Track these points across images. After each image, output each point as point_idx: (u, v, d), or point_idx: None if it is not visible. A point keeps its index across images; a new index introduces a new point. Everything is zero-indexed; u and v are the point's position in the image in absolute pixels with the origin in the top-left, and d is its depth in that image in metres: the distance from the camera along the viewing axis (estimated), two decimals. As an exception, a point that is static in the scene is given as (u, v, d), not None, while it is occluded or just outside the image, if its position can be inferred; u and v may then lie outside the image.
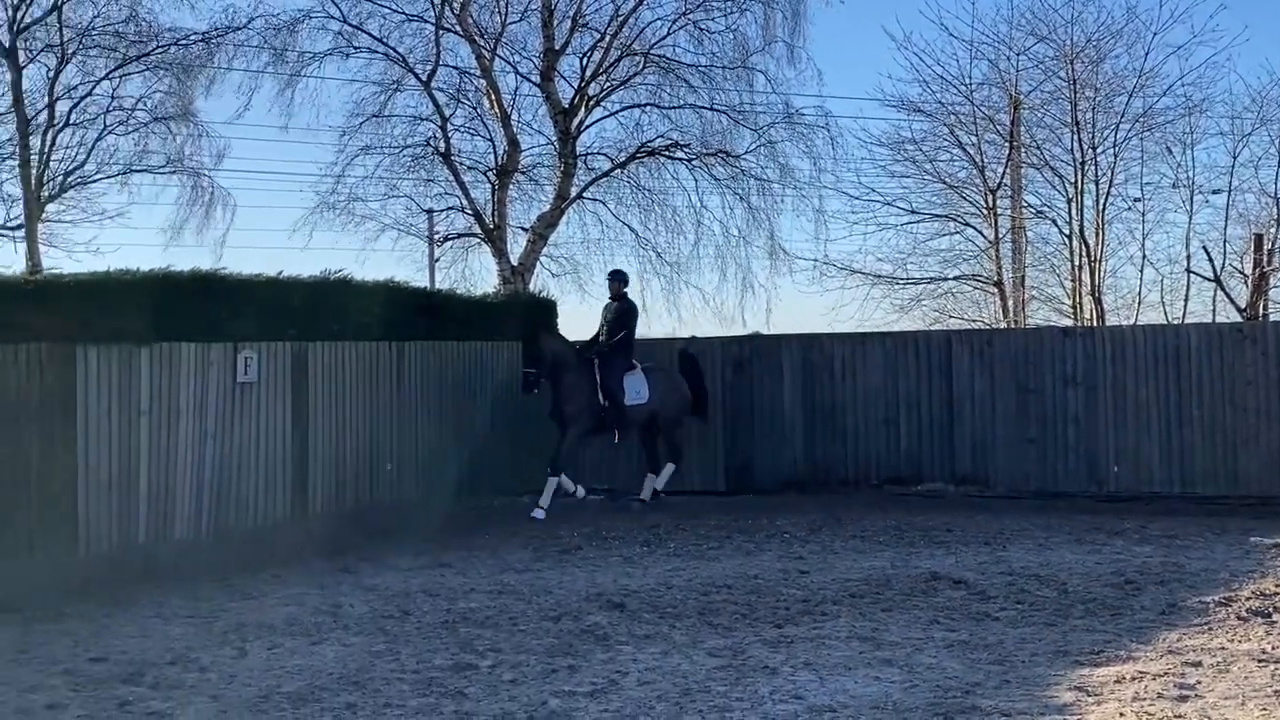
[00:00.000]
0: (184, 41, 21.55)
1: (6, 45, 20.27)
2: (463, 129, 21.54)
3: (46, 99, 21.34)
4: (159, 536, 12.22)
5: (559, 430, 15.57)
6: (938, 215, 26.73)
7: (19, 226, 21.47)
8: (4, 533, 10.90)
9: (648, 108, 21.37)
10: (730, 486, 17.44)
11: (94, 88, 21.64)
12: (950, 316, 26.84)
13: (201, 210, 23.29)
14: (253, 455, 13.28)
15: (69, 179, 22.31)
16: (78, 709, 7.13)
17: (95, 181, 22.73)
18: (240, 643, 8.75)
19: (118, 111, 22.01)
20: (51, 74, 21.30)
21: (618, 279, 16.35)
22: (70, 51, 21.16)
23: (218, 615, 9.74)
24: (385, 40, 20.67)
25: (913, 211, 26.54)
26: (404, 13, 20.62)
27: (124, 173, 22.78)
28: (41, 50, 21.07)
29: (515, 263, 20.63)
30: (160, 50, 21.55)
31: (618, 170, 21.42)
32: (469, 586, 10.82)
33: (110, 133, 22.15)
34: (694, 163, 21.25)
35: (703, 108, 21.09)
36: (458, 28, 20.68)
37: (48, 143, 21.58)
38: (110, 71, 21.60)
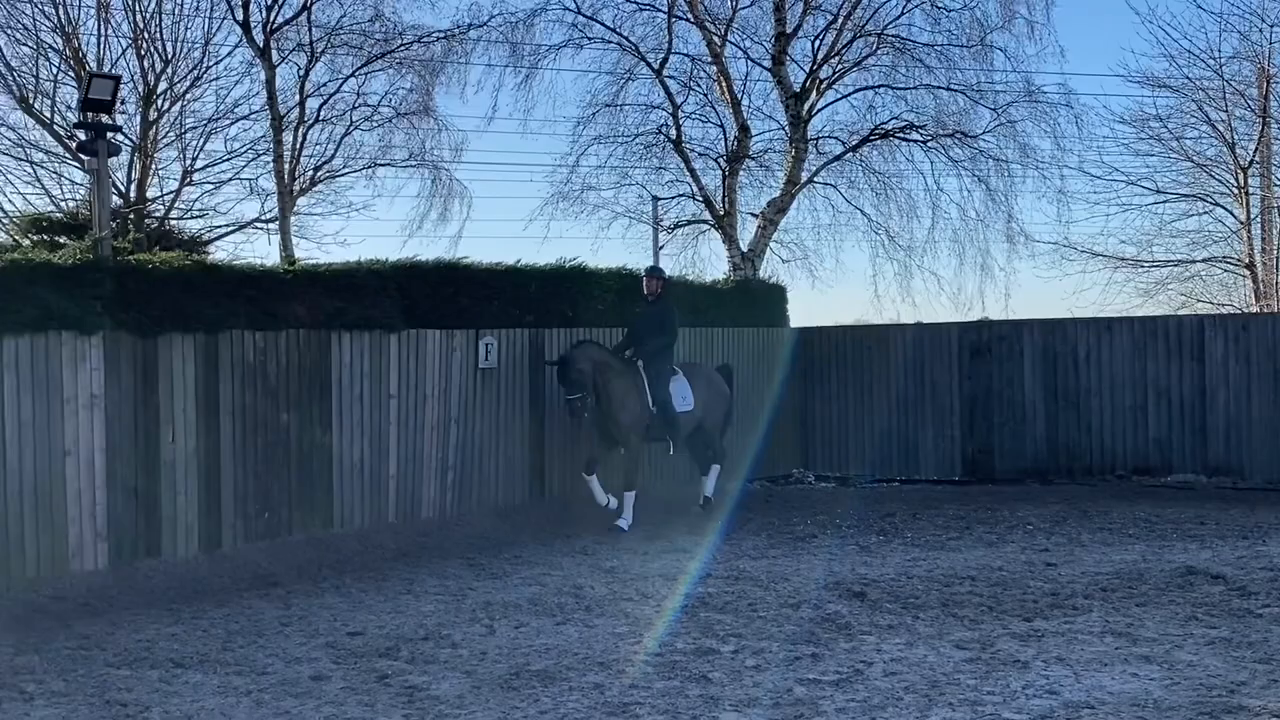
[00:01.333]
0: (426, 39, 22.24)
1: (261, 45, 21.26)
2: (693, 116, 21.59)
3: (297, 97, 22.28)
4: (408, 516, 12.68)
5: (601, 443, 13.85)
6: (1185, 195, 25.61)
7: (273, 219, 22.51)
8: (268, 510, 11.48)
9: (881, 89, 21.00)
10: (967, 475, 17.05)
11: (341, 85, 22.51)
12: (1198, 300, 25.67)
13: (440, 202, 24.04)
14: (493, 439, 13.64)
15: (318, 173, 23.26)
16: (340, 680, 7.44)
17: (342, 175, 23.66)
18: (488, 620, 8.99)
19: (363, 108, 22.85)
20: (302, 73, 22.23)
21: (656, 275, 14.58)
22: (319, 51, 22.06)
23: (465, 593, 10.03)
24: (618, 30, 20.89)
25: (1158, 191, 25.49)
26: (636, 2, 20.78)
27: (368, 167, 23.65)
28: (293, 50, 22.01)
29: (745, 249, 20.59)
30: (403, 48, 22.29)
31: (850, 153, 21.12)
32: (705, 572, 10.85)
33: (356, 128, 22.98)
34: (929, 144, 20.78)
35: (939, 88, 20.61)
36: (689, 15, 20.74)
37: (299, 139, 22.55)
38: (356, 69, 22.41)
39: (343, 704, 6.95)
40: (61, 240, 18.79)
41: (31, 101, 20.37)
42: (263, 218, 22.84)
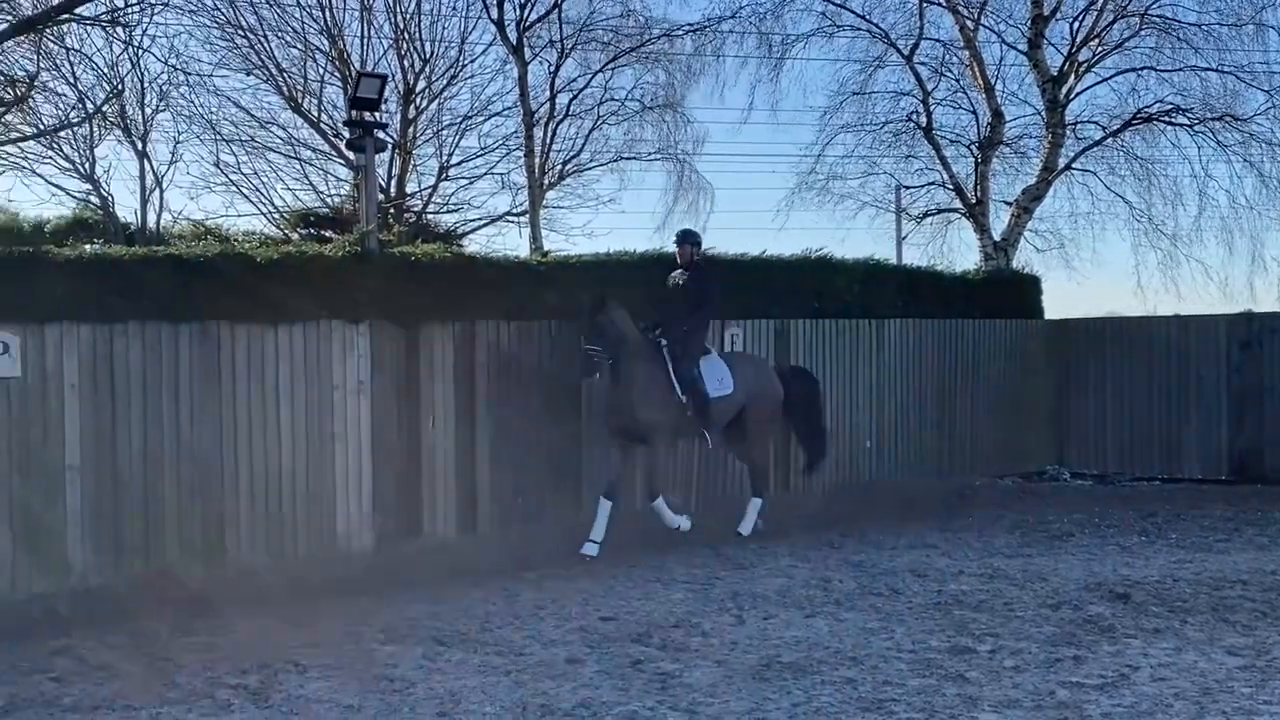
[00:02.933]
0: (674, 33, 22.45)
1: (514, 43, 21.81)
2: (944, 102, 21.18)
3: (548, 93, 22.80)
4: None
5: (623, 442, 11.69)
6: None
7: (524, 213, 23.09)
8: (521, 495, 11.78)
9: (1144, 71, 20.12)
10: (1234, 475, 16.15)
11: (590, 80, 22.93)
12: None
13: (687, 195, 24.25)
14: (738, 429, 13.64)
15: (566, 167, 23.76)
16: (594, 664, 7.57)
17: (589, 169, 24.11)
18: (737, 611, 9.00)
19: (610, 102, 23.21)
20: (552, 69, 22.73)
21: (688, 240, 12.24)
22: (569, 47, 22.50)
23: (713, 583, 10.07)
24: (868, 16, 20.65)
25: None
26: (886, -12, 20.51)
27: (615, 160, 24.03)
28: (544, 47, 22.50)
29: (998, 238, 20.04)
30: (651, 43, 22.56)
31: (1110, 138, 20.33)
32: (957, 569, 10.60)
33: (604, 123, 23.40)
34: (1196, 128, 19.80)
35: (1207, 69, 19.61)
36: (941, 0, 20.30)
37: (549, 134, 23.06)
38: (605, 65, 22.80)
39: (597, 687, 7.07)
40: (327, 234, 19.73)
41: (300, 101, 21.40)
42: (514, 211, 23.45)
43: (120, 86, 19.20)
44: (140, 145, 22.25)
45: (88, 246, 10.40)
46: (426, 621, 8.73)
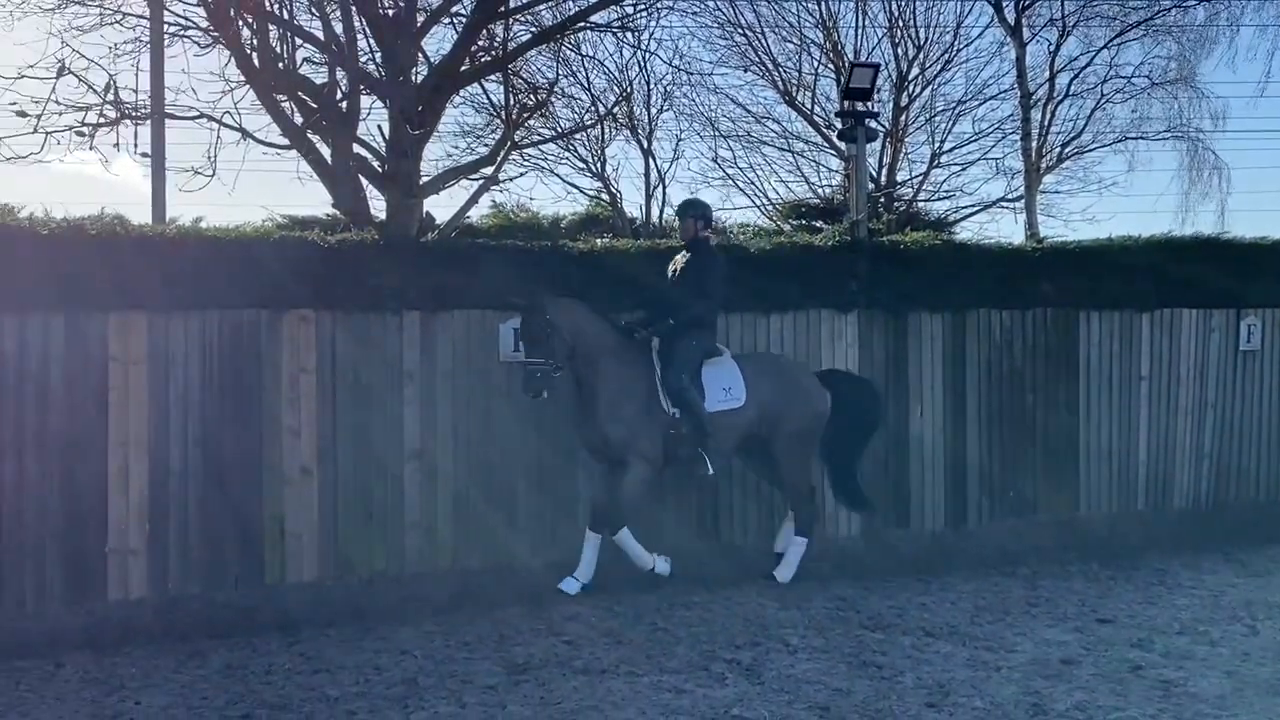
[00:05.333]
0: (1187, 3, 21.08)
1: (1011, 24, 21.27)
2: None
3: (1047, 73, 22.06)
4: (1158, 504, 12.12)
5: (596, 464, 9.70)
6: None
7: (1019, 198, 22.47)
8: (1012, 489, 11.48)
9: None
10: None
11: (1093, 58, 21.95)
12: None
13: (1197, 174, 22.73)
14: (1254, 426, 12.64)
15: (1065, 149, 22.88)
16: (1090, 666, 7.27)
17: (1090, 151, 23.09)
18: (1250, 620, 8.36)
19: (1115, 80, 22.12)
20: (1052, 48, 21.97)
21: (691, 213, 9.88)
22: (1071, 25, 21.66)
23: (1223, 590, 9.39)
24: None
25: None
26: None
27: (1119, 140, 22.88)
28: (1044, 26, 21.82)
29: None
30: (1162, 14, 21.30)
31: None
32: None
33: (1107, 101, 22.33)
34: None
35: None
36: None
37: (1047, 115, 22.30)
38: (1109, 40, 21.75)
39: (1093, 690, 6.79)
40: (818, 225, 20.06)
41: (794, 95, 21.88)
42: (1008, 197, 22.88)
43: (630, 89, 20.39)
44: (645, 144, 23.58)
45: (598, 240, 11.09)
46: (914, 611, 8.70)
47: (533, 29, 13.46)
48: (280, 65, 11.93)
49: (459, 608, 8.74)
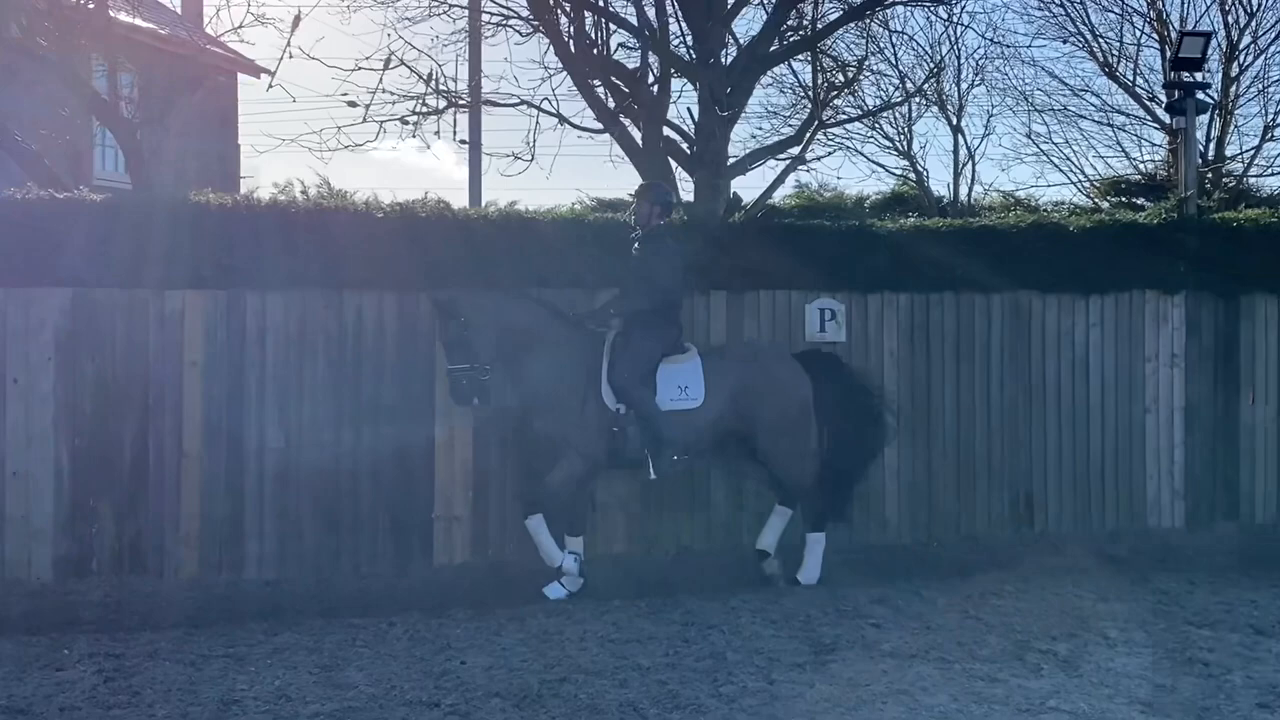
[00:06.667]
0: None
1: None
2: None
3: None
4: None
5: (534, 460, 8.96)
6: None
7: None
8: None
9: None
10: None
11: None
12: None
13: None
14: None
15: None
16: None
17: None
18: None
19: None
20: None
21: (649, 197, 9.03)
22: None
23: None
24: None
25: None
26: None
27: None
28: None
29: None
30: None
31: None
32: None
33: None
34: None
35: None
36: None
37: None
38: None
39: None
40: (1139, 202, 19.13)
41: (1115, 66, 20.93)
42: None
43: (941, 64, 19.95)
44: (954, 120, 23.04)
45: (906, 220, 10.93)
46: (1243, 608, 8.20)
47: (842, 6, 13.35)
48: (595, 51, 12.27)
49: (764, 585, 8.79)
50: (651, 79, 12.23)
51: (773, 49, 12.76)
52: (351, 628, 7.57)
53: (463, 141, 18.14)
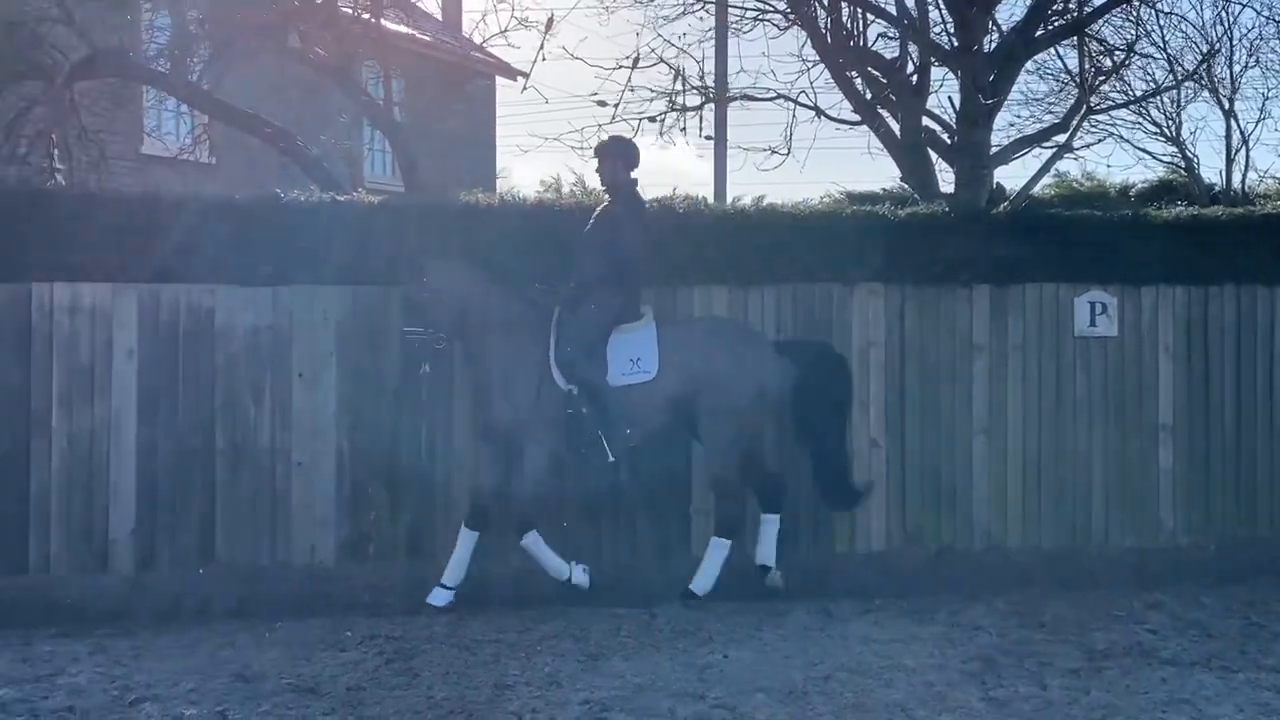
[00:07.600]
0: None
1: None
2: None
3: None
4: None
5: (491, 452, 8.28)
6: None
7: None
8: None
9: None
10: None
11: None
12: None
13: None
14: None
15: None
16: None
17: None
18: None
19: None
20: None
21: (610, 154, 8.37)
22: None
23: None
24: None
25: None
26: None
27: None
28: None
29: None
30: None
31: None
32: None
33: None
34: None
35: None
36: None
37: None
38: None
39: None
40: None
41: None
42: None
43: (1216, 47, 18.96)
44: (1227, 105, 21.87)
45: (1180, 209, 10.40)
46: None
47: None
48: (852, 43, 12.14)
49: (1029, 586, 8.54)
50: (910, 68, 12.02)
51: (1038, 34, 12.36)
52: (615, 618, 7.70)
53: (708, 137, 18.19)
